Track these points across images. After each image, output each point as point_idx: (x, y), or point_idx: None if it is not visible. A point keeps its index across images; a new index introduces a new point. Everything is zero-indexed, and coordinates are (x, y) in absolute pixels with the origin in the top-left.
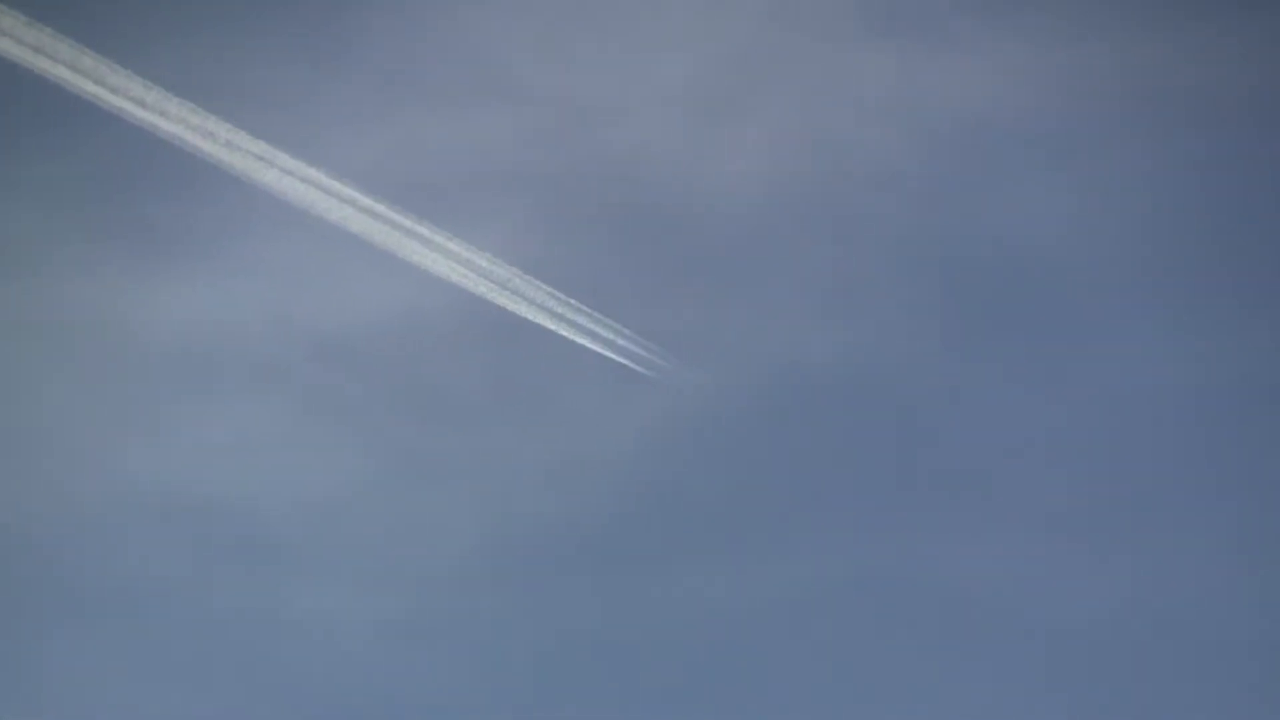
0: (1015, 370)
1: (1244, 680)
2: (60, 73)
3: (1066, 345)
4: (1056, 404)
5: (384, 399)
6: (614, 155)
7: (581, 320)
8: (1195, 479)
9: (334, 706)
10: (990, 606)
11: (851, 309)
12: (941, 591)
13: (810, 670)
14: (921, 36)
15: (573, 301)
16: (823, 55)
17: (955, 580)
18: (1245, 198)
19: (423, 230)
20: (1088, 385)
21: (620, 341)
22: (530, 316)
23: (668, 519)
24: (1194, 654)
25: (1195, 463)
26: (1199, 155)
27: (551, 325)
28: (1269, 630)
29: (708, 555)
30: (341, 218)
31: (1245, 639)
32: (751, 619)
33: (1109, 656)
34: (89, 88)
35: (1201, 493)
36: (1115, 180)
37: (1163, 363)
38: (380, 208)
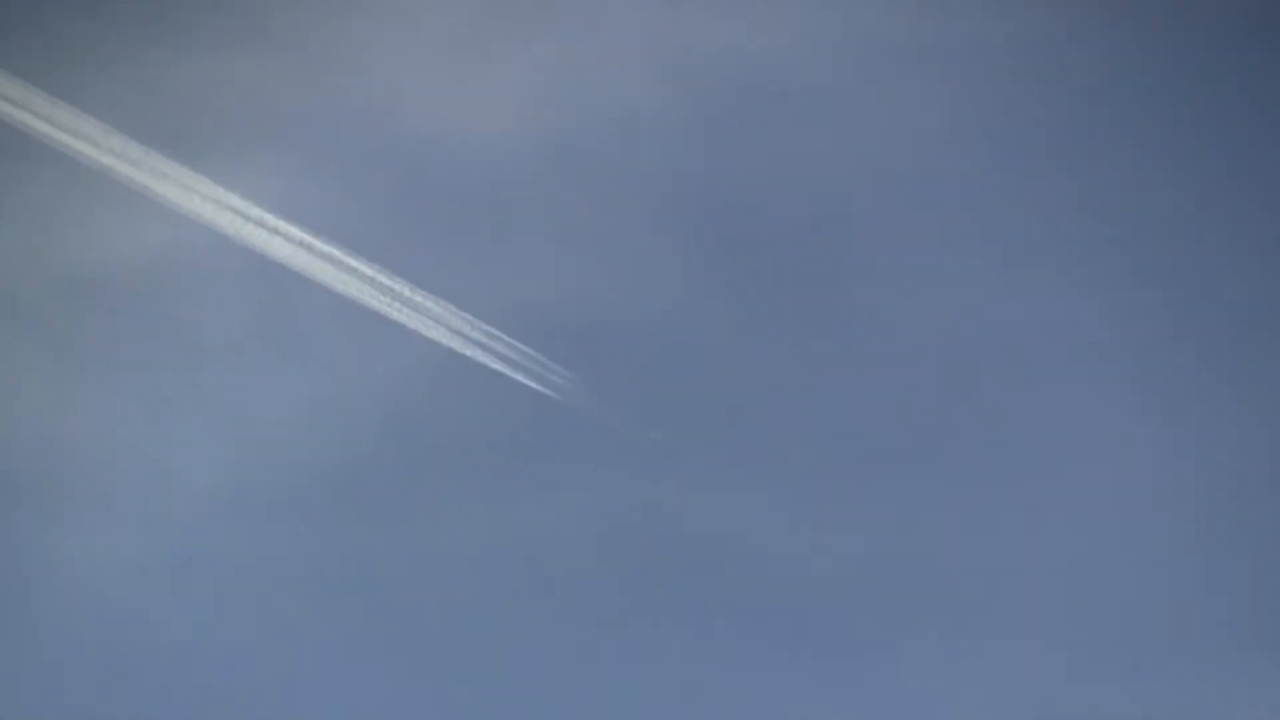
0: (781, 322)
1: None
2: None
3: (842, 295)
4: (818, 358)
5: (133, 338)
6: (367, 98)
7: (335, 263)
8: (976, 431)
9: (78, 650)
10: (737, 556)
11: (608, 257)
12: (692, 541)
13: (558, 618)
14: None
15: (325, 244)
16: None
17: (705, 531)
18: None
19: (174, 170)
20: (854, 337)
21: (375, 285)
22: (284, 259)
23: (421, 465)
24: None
25: (977, 412)
26: (985, 105)
27: (305, 268)
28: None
29: (462, 502)
30: (92, 157)
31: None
32: (501, 565)
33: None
34: None
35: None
36: (893, 134)
37: (945, 309)
38: (131, 147)
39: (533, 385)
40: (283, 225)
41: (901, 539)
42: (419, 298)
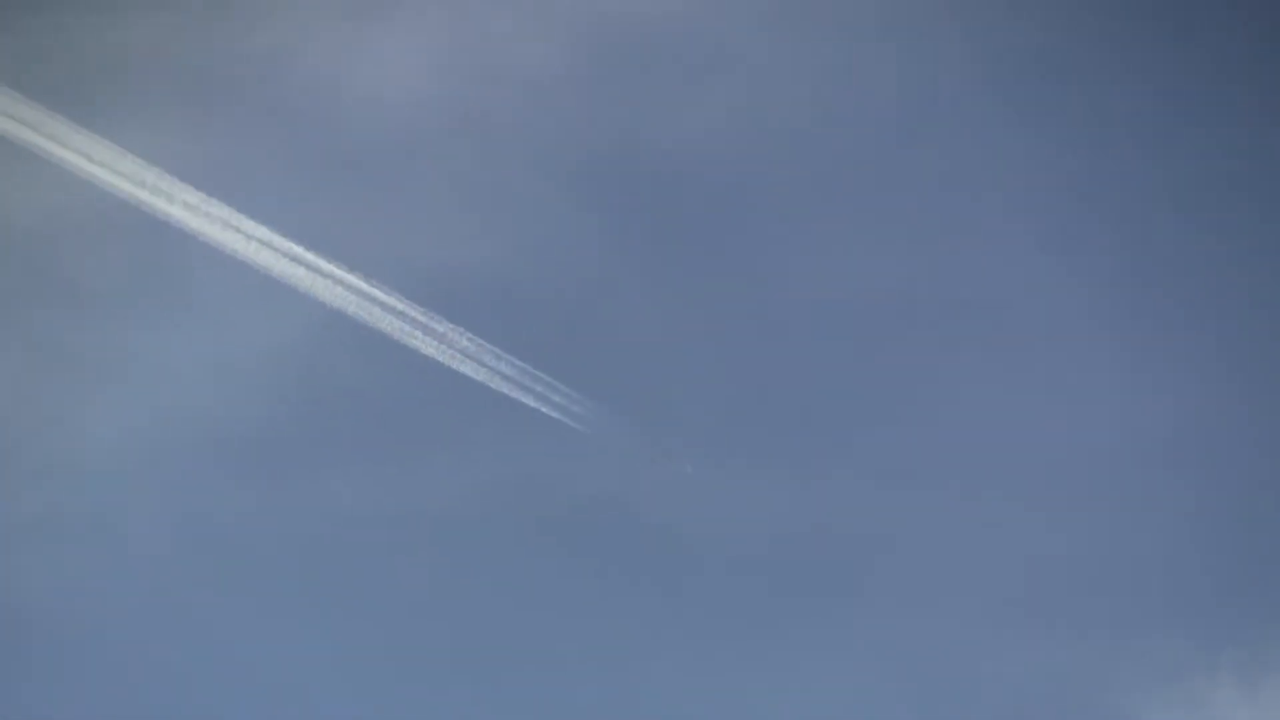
0: (687, 282)
1: None
2: None
3: (748, 256)
4: (722, 316)
5: (26, 294)
6: (262, 60)
7: (228, 224)
8: (889, 392)
9: None
10: (639, 516)
11: (509, 218)
12: (592, 501)
13: (455, 573)
14: None
15: (218, 205)
16: None
17: (603, 490)
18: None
19: (68, 131)
20: (763, 296)
21: (267, 242)
22: (178, 220)
23: (311, 422)
24: None
25: (889, 373)
26: (859, 59)
27: (197, 227)
28: None
29: (354, 461)
30: None
31: None
32: (395, 522)
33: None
34: None
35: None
36: (769, 91)
37: (856, 268)
38: (22, 107)
39: (430, 348)
40: (176, 187)
41: (812, 492)
42: (314, 259)
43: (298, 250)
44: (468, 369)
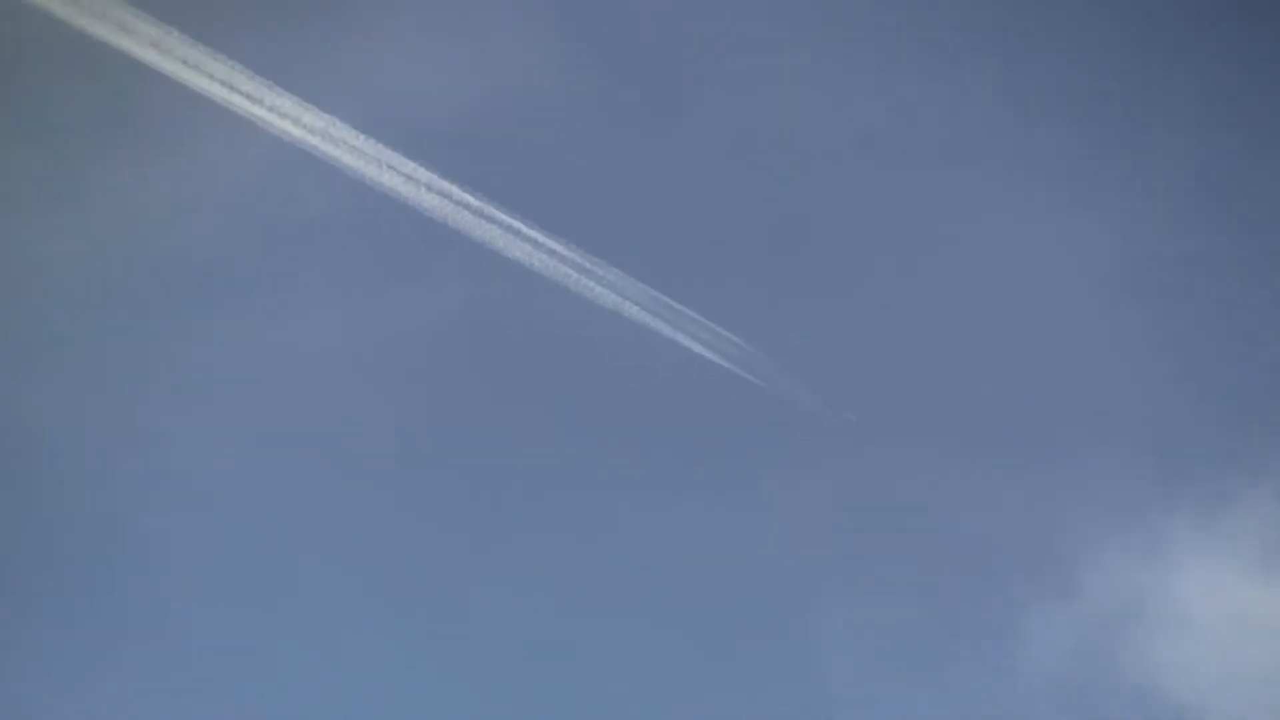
0: (636, 109)
1: None
2: None
3: (697, 83)
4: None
5: None
6: None
7: (189, 56)
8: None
9: None
10: (581, 351)
11: (464, 50)
12: (541, 338)
13: (411, 405)
14: None
15: (181, 39)
16: None
17: (552, 328)
18: None
19: None
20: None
21: (227, 80)
22: (139, 53)
23: (271, 259)
24: None
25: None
26: None
27: (158, 61)
28: None
29: (310, 296)
30: None
31: None
32: (351, 355)
33: None
34: None
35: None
36: None
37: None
38: None
39: (386, 182)
40: (140, 19)
41: (778, 332)
42: (276, 95)
43: (261, 87)
44: (432, 206)
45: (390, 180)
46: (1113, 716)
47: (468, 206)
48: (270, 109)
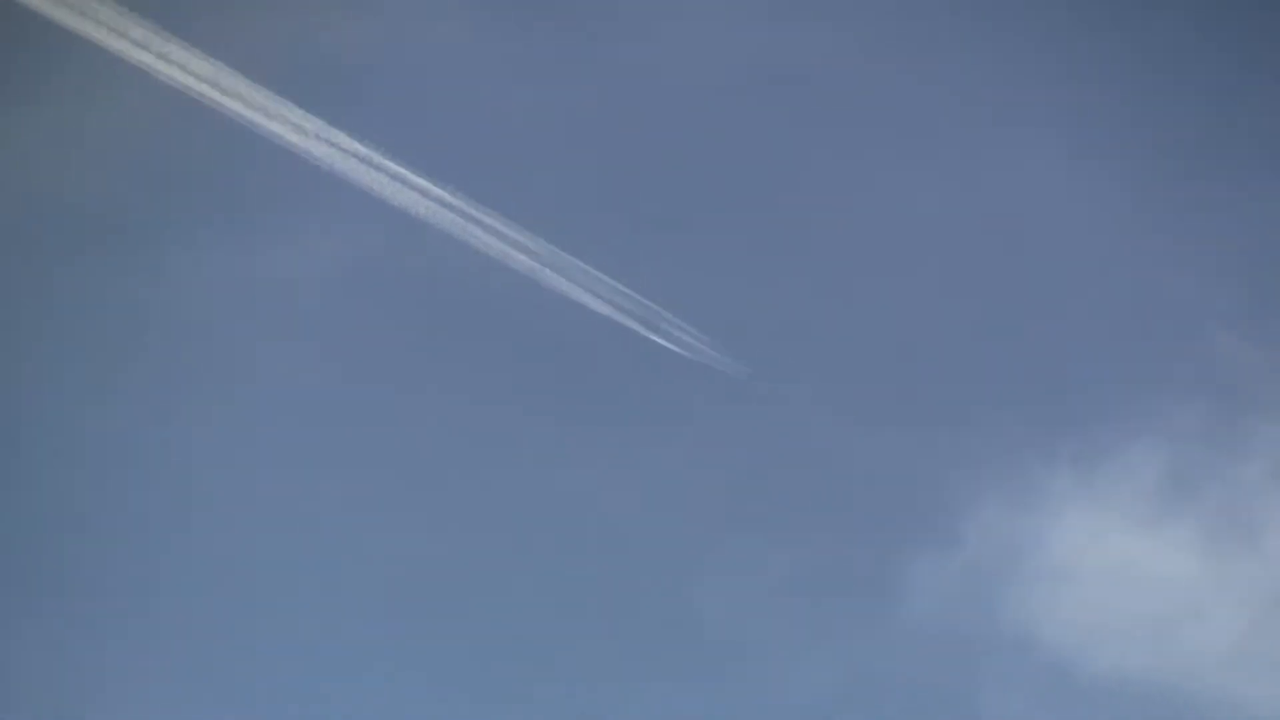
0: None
1: None
2: None
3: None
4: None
5: None
6: None
7: (79, 3)
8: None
9: None
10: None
11: None
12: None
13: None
14: None
15: None
16: None
17: (465, 264)
18: None
19: None
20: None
21: (112, 26)
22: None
23: (156, 200)
24: None
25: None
26: None
27: (50, 12)
28: None
29: (200, 238)
30: None
31: None
32: (247, 302)
33: None
34: None
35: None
36: None
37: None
38: None
39: (275, 128)
40: None
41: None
42: (162, 41)
43: (150, 33)
44: (319, 153)
45: (279, 129)
46: (992, 666)
47: (355, 155)
48: (158, 55)
